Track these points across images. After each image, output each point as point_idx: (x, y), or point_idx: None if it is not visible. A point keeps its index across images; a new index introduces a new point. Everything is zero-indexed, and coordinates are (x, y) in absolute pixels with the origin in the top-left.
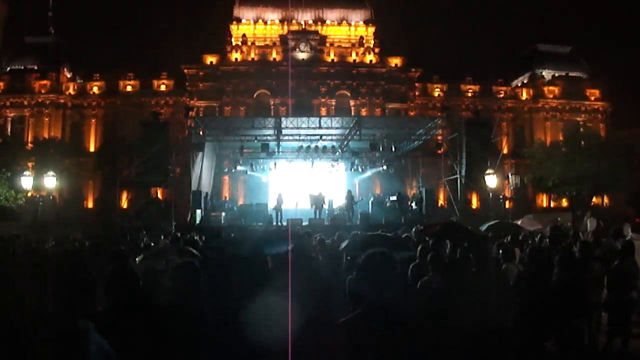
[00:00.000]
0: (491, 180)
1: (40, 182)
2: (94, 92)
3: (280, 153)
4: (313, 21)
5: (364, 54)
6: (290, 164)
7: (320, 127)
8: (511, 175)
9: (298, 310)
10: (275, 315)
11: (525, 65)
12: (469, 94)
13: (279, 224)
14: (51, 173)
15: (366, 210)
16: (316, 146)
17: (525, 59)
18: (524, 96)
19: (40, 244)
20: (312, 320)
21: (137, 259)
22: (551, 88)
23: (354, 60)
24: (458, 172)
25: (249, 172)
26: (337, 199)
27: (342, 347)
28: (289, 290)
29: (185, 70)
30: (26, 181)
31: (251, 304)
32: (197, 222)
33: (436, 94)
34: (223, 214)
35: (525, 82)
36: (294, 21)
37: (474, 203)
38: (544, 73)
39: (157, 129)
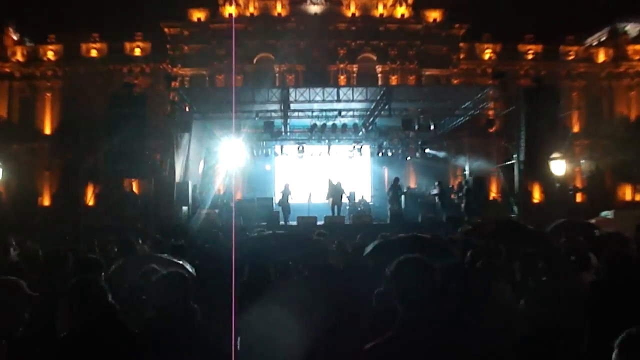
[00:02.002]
0: (558, 167)
1: None
2: (48, 59)
3: (288, 134)
4: None
5: (393, 6)
6: (301, 147)
7: (338, 100)
8: (584, 160)
9: (312, 334)
10: (283, 341)
11: (603, 18)
12: (529, 57)
13: (287, 223)
14: None
15: (398, 206)
16: (333, 124)
17: (603, 10)
18: (601, 58)
19: None
20: (330, 348)
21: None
22: (638, 47)
23: (381, 15)
24: (515, 156)
25: (248, 158)
26: (360, 191)
27: None
28: (299, 308)
29: (166, 30)
30: None
31: (254, 325)
32: (184, 222)
33: (487, 57)
34: (217, 211)
35: (603, 39)
36: None
37: (536, 196)
38: (627, 28)
39: (131, 104)
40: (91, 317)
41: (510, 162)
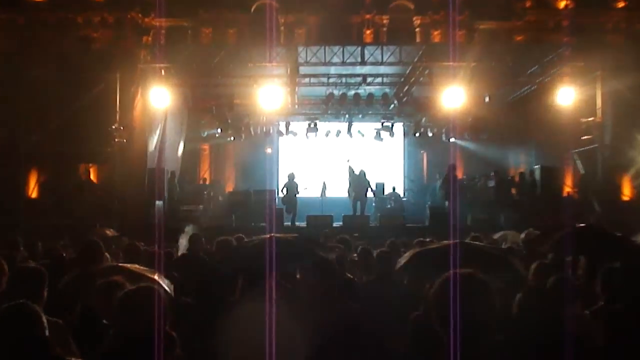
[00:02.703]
0: None
1: None
2: None
3: (297, 107)
4: None
5: None
6: (313, 124)
7: (363, 63)
8: None
9: None
10: None
11: None
12: (619, 5)
13: (294, 224)
14: None
15: (439, 202)
16: (356, 95)
17: None
18: None
19: None
20: None
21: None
22: None
23: None
24: (598, 138)
25: (243, 139)
26: (390, 183)
27: None
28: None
29: None
30: None
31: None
32: (157, 220)
33: (562, 5)
34: (201, 207)
35: None
36: None
37: (625, 192)
38: None
39: (88, 66)
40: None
41: (591, 147)
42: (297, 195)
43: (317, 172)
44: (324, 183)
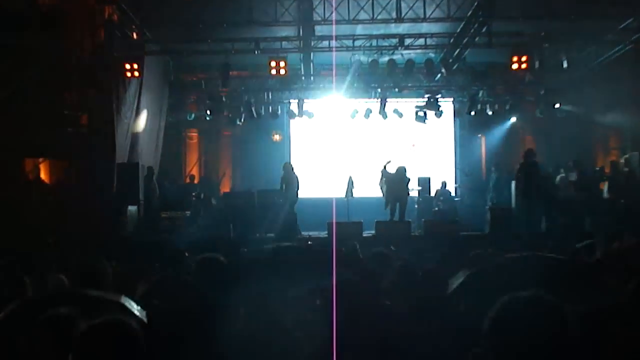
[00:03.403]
0: None
1: None
2: None
3: (312, 79)
4: None
5: None
6: (333, 104)
7: (399, 19)
8: None
9: None
10: None
11: None
12: None
13: (309, 235)
14: None
15: (504, 202)
16: (391, 62)
17: None
18: None
19: None
20: None
21: None
22: None
23: None
24: None
25: (243, 123)
26: (437, 178)
27: None
28: None
29: None
30: None
31: None
32: (131, 233)
33: None
34: (187, 213)
35: None
36: None
37: None
38: None
39: (34, 29)
40: None
41: None
42: (298, 193)
43: (339, 165)
44: (350, 179)
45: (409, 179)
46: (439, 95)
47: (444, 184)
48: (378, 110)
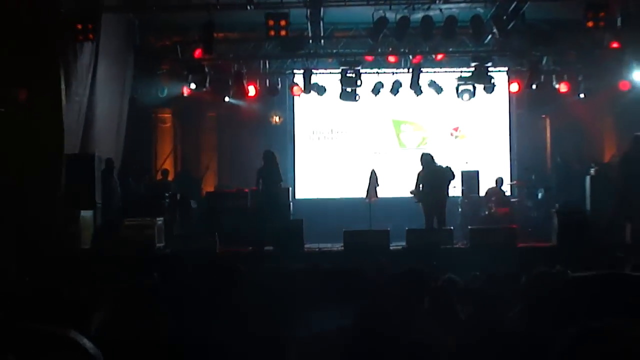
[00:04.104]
0: None
1: None
2: None
3: (322, 43)
4: None
5: None
6: (351, 73)
7: None
8: None
9: None
10: None
11: None
12: None
13: (320, 249)
14: None
15: (575, 204)
16: (426, 19)
17: None
18: None
19: None
20: None
21: None
22: None
23: None
24: None
25: (230, 100)
26: (488, 172)
27: None
28: None
29: None
30: None
31: None
32: (84, 247)
33: None
34: (160, 220)
35: None
36: None
37: None
38: None
39: None
40: None
41: None
42: (278, 193)
43: (358, 156)
44: (372, 174)
45: (452, 174)
46: (490, 64)
47: (497, 181)
48: (409, 83)
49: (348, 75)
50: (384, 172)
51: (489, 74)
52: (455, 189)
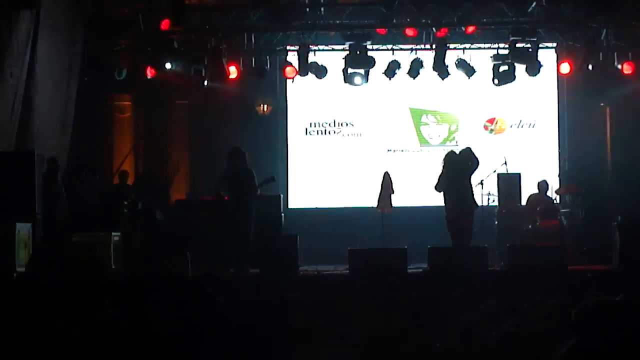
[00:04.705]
0: None
1: None
2: None
3: (322, 12)
4: None
5: None
6: (358, 51)
7: None
8: None
9: None
10: None
11: None
12: None
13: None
14: None
15: None
16: None
17: None
18: None
19: None
20: None
21: None
22: None
23: None
24: None
25: (208, 84)
26: (533, 174)
27: None
28: None
29: None
30: None
31: None
32: (21, 269)
33: None
34: (116, 236)
35: None
36: None
37: None
38: None
39: None
40: None
41: None
42: (249, 197)
43: (367, 156)
44: (385, 177)
45: (474, 160)
46: (533, 39)
47: (542, 186)
48: (432, 63)
49: (355, 52)
50: (400, 176)
51: (533, 51)
52: (490, 197)
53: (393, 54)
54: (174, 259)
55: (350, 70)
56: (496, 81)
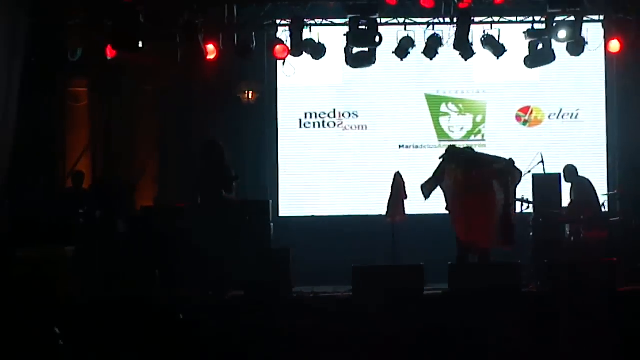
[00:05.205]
0: None
1: None
2: None
3: None
4: None
5: None
6: (358, 29)
7: None
8: None
9: None
10: None
11: None
12: None
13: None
14: None
15: None
16: None
17: None
18: None
19: None
20: None
21: None
22: None
23: None
24: None
25: (180, 66)
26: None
27: None
28: None
29: None
30: None
31: None
32: None
33: None
34: (70, 250)
35: None
36: None
37: None
38: None
39: None
40: None
41: None
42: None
43: (374, 153)
44: (397, 178)
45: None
46: (577, 9)
47: (586, 188)
48: (453, 40)
49: (359, 27)
50: (414, 177)
51: (575, 25)
52: (523, 203)
53: (405, 29)
54: (140, 279)
55: (354, 50)
56: (531, 62)
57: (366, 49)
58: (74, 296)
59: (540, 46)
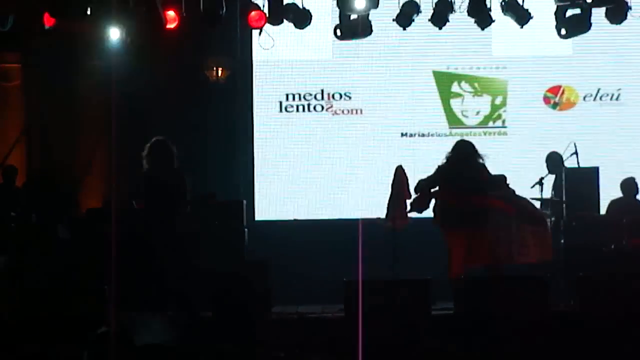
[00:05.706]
0: None
1: None
2: None
3: None
4: None
5: None
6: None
7: None
8: None
9: None
10: None
11: None
12: None
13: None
14: None
15: None
16: None
17: None
18: None
19: None
20: None
21: None
22: None
23: None
24: None
25: (132, 39)
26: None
27: None
28: None
29: None
30: None
31: None
32: None
33: None
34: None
35: None
36: None
37: None
38: None
39: None
40: None
41: None
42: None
43: (371, 143)
44: (398, 172)
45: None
46: None
47: (629, 187)
48: (467, 5)
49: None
50: (420, 172)
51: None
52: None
53: None
54: (85, 296)
55: (344, 18)
56: (562, 31)
57: (360, 16)
58: (3, 316)
59: (573, 12)
